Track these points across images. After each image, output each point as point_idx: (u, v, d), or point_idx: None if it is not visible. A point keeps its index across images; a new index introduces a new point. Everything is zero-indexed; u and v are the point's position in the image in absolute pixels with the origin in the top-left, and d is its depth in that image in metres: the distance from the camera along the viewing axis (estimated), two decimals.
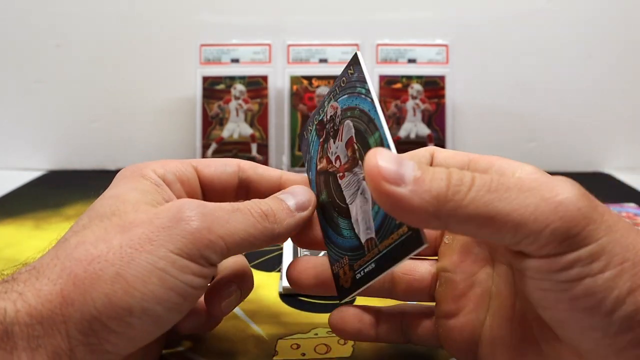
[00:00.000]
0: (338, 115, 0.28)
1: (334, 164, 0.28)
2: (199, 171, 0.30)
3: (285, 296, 0.38)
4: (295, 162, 0.63)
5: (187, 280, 0.23)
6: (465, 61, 0.68)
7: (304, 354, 0.31)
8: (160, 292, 0.23)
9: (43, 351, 0.21)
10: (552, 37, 0.71)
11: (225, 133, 0.64)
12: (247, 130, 0.64)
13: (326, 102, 0.30)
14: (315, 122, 0.30)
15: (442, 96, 0.64)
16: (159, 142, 0.73)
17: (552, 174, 0.24)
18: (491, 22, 0.70)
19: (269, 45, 0.65)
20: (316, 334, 0.33)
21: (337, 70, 0.64)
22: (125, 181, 0.27)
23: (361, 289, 0.26)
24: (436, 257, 0.29)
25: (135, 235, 0.23)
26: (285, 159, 0.64)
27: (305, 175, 0.31)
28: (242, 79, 0.65)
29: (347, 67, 0.28)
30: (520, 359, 0.25)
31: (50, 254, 0.24)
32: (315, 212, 0.29)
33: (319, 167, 0.29)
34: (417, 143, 0.63)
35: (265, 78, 0.65)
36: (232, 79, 0.65)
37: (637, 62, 0.71)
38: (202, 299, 0.29)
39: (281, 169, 0.65)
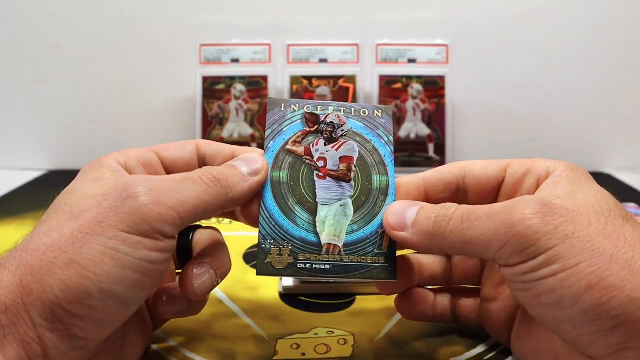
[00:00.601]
0: (343, 129, 0.31)
1: (314, 159, 0.30)
2: (160, 155, 0.30)
3: (285, 296, 0.38)
4: None
5: (142, 256, 0.23)
6: (465, 61, 0.68)
7: (304, 354, 0.31)
8: (116, 271, 0.23)
9: (12, 339, 0.22)
10: (552, 37, 0.71)
11: (225, 133, 0.64)
12: (247, 130, 0.64)
13: (331, 108, 0.31)
14: (306, 110, 0.31)
15: (442, 96, 0.64)
16: (159, 142, 0.72)
17: None
18: (491, 22, 0.70)
19: (269, 45, 0.65)
20: (316, 334, 0.33)
21: (337, 70, 0.64)
22: (83, 174, 0.28)
23: (296, 277, 0.28)
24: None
25: (85, 219, 0.24)
26: None
27: (258, 150, 0.31)
28: (242, 79, 0.65)
29: (376, 108, 0.32)
30: (538, 343, 0.28)
31: (11, 249, 0.24)
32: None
33: (289, 147, 0.30)
34: (417, 143, 0.63)
35: (265, 78, 0.65)
36: (232, 79, 0.65)
37: (637, 62, 0.71)
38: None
39: None
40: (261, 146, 0.64)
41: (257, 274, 0.27)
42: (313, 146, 0.30)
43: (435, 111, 0.64)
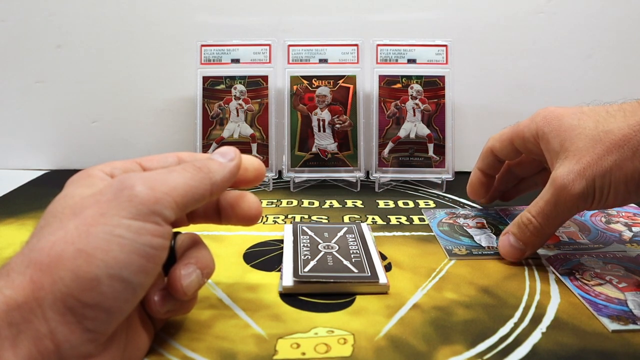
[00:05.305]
0: None
1: (460, 224, 0.53)
2: (143, 165, 0.32)
3: (285, 296, 0.38)
4: (295, 162, 0.64)
5: (145, 242, 0.25)
6: (465, 61, 0.68)
7: (304, 354, 0.31)
8: (122, 257, 0.24)
9: (24, 337, 0.22)
10: (552, 37, 0.71)
11: (226, 133, 0.64)
12: (248, 130, 0.64)
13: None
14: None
15: (442, 96, 0.64)
16: (159, 142, 0.73)
17: None
18: (491, 22, 0.70)
19: (269, 45, 0.65)
20: (316, 334, 0.33)
21: (337, 70, 0.64)
22: (72, 183, 0.29)
23: (471, 258, 0.45)
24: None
25: (87, 215, 0.25)
26: (285, 158, 0.64)
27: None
28: (243, 79, 0.65)
29: None
30: None
31: (16, 255, 0.25)
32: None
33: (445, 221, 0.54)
34: (417, 143, 0.63)
35: (265, 78, 0.65)
36: (232, 79, 0.65)
37: (637, 62, 0.71)
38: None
39: (281, 169, 0.65)
40: (261, 146, 0.65)
41: (449, 256, 0.45)
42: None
43: (435, 111, 0.64)
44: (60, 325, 0.23)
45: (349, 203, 0.59)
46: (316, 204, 0.59)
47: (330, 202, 0.59)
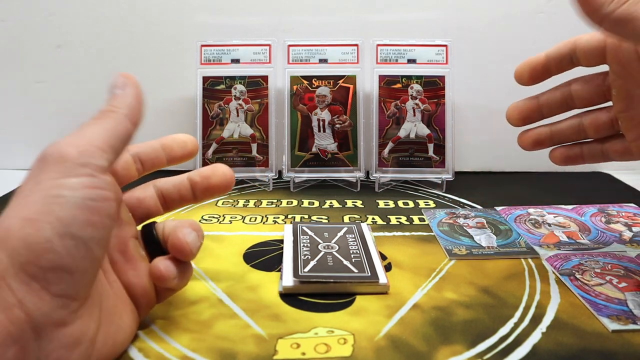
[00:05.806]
0: None
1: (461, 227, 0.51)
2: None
3: (285, 296, 0.38)
4: (295, 162, 0.64)
5: (83, 195, 0.26)
6: (465, 61, 0.68)
7: (304, 354, 0.31)
8: (65, 214, 0.25)
9: None
10: (552, 37, 0.70)
11: (226, 133, 0.64)
12: (248, 130, 0.64)
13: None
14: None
15: (442, 96, 0.64)
16: None
17: (553, 174, 0.26)
18: (491, 22, 0.70)
19: (269, 45, 0.65)
20: (316, 334, 0.33)
21: (337, 70, 0.64)
22: None
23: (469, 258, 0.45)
24: (610, 105, 0.42)
25: (24, 189, 0.26)
26: (285, 158, 0.64)
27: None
28: (243, 79, 0.65)
29: None
30: None
31: None
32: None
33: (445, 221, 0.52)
34: (417, 143, 0.63)
35: (265, 78, 0.65)
36: (232, 79, 0.65)
37: None
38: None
39: (281, 169, 0.65)
40: (261, 146, 0.65)
41: (449, 256, 0.45)
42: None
43: (435, 111, 0.64)
44: (27, 294, 0.24)
45: (349, 203, 0.59)
46: (316, 204, 0.59)
47: (330, 202, 0.59)
